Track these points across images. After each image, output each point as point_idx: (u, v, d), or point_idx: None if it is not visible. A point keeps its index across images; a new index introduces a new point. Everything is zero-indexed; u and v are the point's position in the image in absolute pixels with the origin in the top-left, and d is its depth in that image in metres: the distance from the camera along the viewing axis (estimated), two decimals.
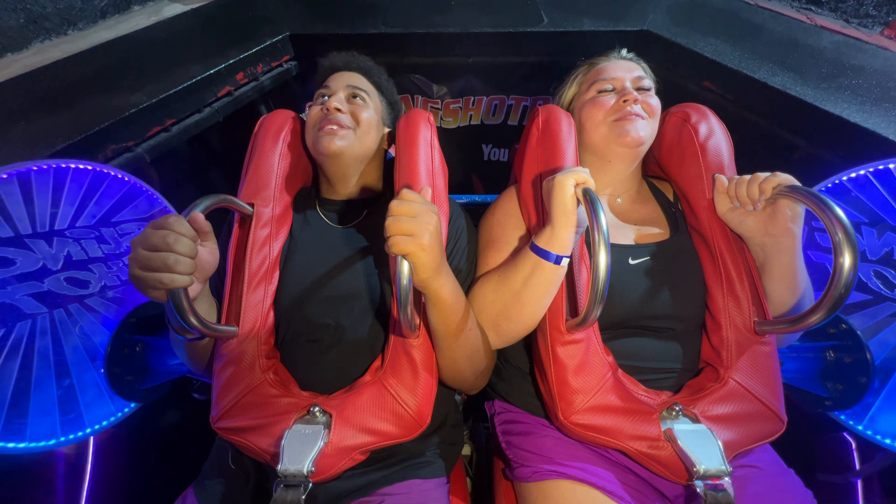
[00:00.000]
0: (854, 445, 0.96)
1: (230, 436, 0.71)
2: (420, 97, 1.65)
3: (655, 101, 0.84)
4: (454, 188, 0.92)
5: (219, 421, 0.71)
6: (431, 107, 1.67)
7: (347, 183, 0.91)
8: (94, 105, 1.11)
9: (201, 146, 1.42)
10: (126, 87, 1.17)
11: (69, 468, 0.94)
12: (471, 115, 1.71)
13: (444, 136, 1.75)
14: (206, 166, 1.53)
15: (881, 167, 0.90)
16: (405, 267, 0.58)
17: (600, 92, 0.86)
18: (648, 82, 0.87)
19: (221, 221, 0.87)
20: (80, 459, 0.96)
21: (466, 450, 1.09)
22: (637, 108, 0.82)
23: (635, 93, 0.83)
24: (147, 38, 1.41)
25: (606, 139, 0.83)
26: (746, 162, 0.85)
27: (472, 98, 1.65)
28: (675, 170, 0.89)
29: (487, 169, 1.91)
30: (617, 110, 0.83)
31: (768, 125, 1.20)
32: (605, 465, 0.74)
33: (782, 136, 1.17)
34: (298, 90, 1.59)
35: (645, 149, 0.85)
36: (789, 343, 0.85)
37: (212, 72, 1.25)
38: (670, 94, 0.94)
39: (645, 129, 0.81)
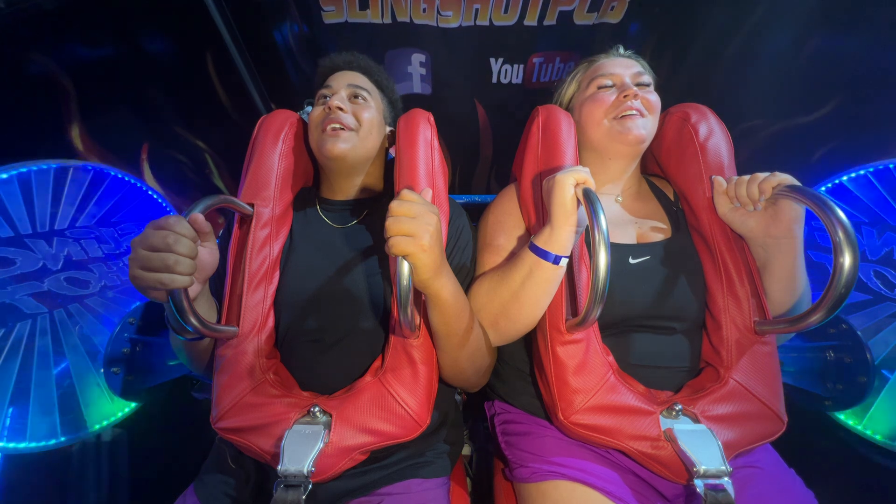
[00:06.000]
0: None
1: (230, 436, 0.71)
2: None
3: (655, 98, 0.85)
4: (455, 186, 0.90)
5: (219, 421, 0.71)
6: None
7: (350, 183, 0.91)
8: None
9: None
10: None
11: (70, 468, 0.94)
12: (476, 10, 1.32)
13: (443, 40, 1.36)
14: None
15: (881, 167, 0.90)
16: (405, 267, 0.58)
17: (600, 88, 0.86)
18: (648, 78, 0.87)
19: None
20: (81, 459, 0.96)
21: (466, 450, 1.09)
22: (637, 104, 0.82)
23: (635, 88, 0.83)
24: None
25: (607, 137, 0.84)
26: None
27: None
28: (674, 170, 0.89)
29: (496, 95, 1.48)
30: (617, 106, 0.83)
31: None
32: (604, 466, 0.74)
33: None
34: None
35: (645, 146, 0.85)
36: (785, 340, 0.85)
37: None
38: None
39: (645, 126, 0.82)
